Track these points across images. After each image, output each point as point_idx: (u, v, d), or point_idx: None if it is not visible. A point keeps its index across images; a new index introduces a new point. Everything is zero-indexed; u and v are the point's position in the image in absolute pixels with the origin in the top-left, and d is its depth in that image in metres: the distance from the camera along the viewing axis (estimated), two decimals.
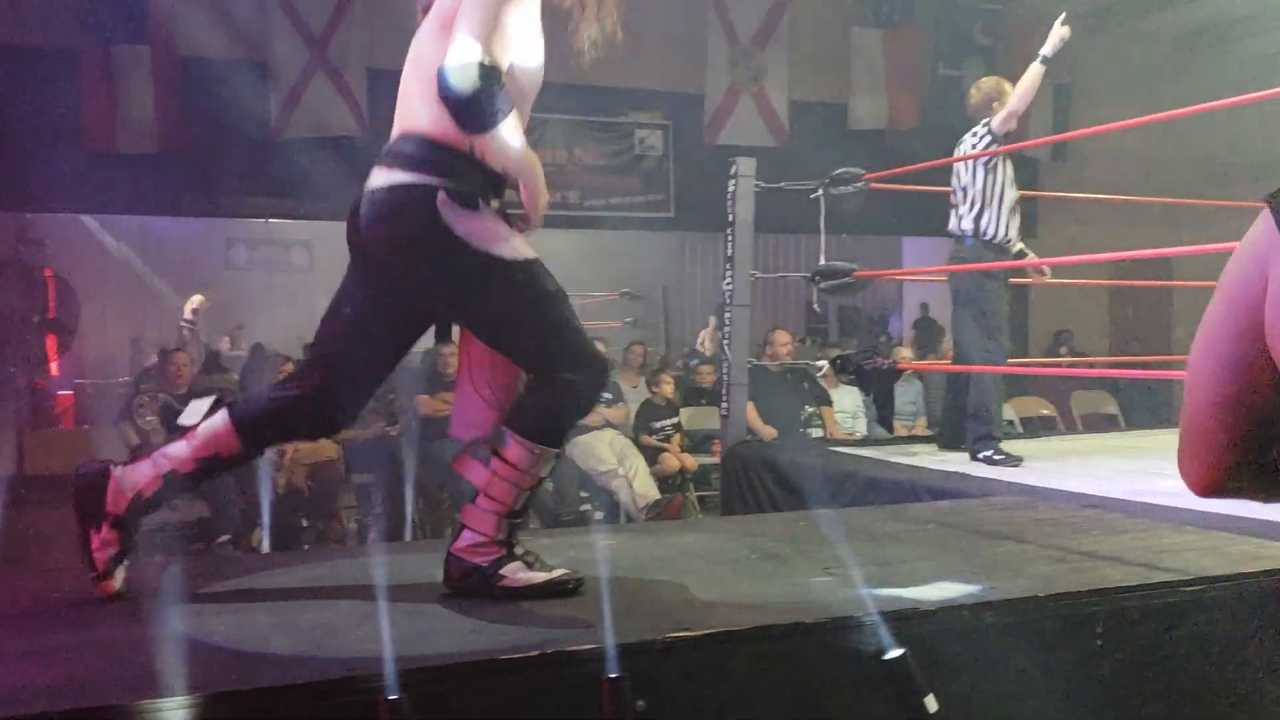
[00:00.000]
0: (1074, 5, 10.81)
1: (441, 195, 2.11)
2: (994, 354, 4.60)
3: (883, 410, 7.65)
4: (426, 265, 2.18)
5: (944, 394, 5.34)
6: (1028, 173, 9.88)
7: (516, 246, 2.17)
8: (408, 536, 5.48)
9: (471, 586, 2.16)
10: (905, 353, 8.34)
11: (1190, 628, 2.22)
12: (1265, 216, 1.08)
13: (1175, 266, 11.37)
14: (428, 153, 2.15)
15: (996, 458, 4.42)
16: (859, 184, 5.16)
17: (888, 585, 2.16)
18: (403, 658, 1.63)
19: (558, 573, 2.20)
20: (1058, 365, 8.46)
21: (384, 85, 7.41)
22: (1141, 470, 4.30)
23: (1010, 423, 7.81)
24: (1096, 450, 5.08)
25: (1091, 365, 9.53)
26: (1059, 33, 4.58)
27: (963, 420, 4.68)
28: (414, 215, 2.12)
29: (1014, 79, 4.78)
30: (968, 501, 3.39)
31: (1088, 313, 11.24)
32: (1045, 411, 8.74)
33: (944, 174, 5.56)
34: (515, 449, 2.16)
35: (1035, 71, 4.58)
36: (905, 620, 1.93)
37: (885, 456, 4.75)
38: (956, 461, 4.49)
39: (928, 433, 6.97)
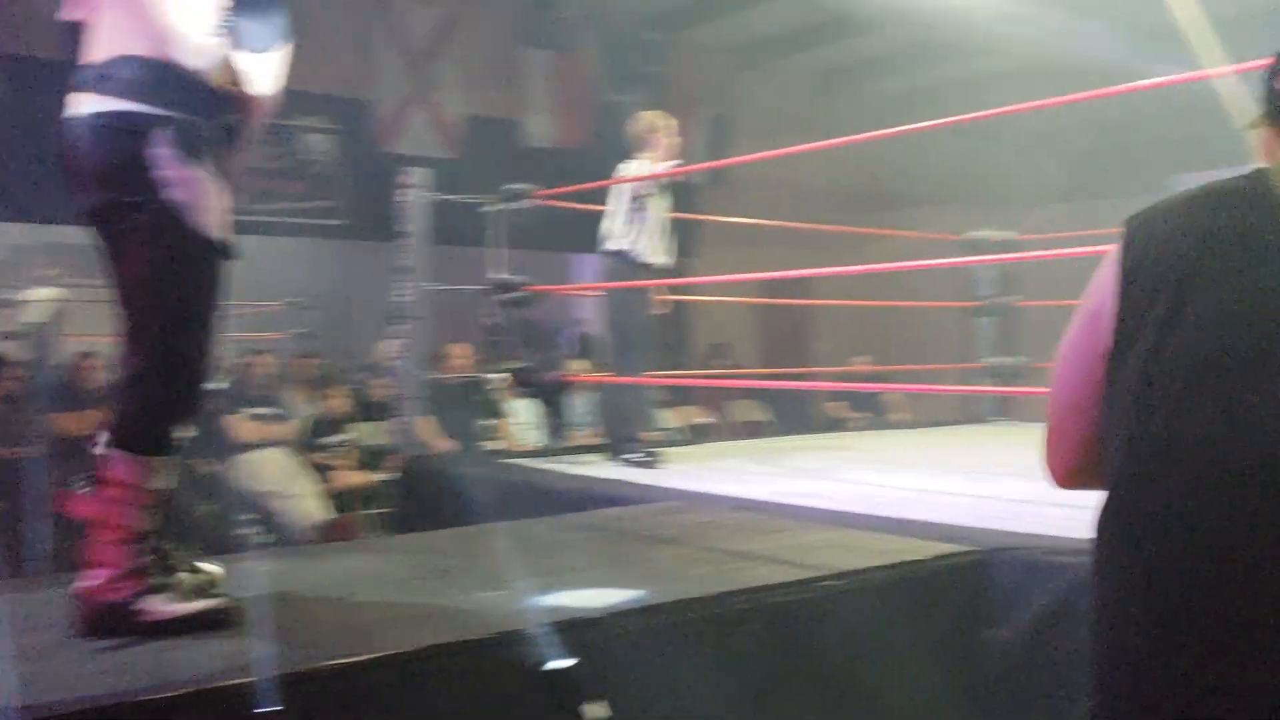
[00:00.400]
0: (728, 41, 11.54)
1: (159, 132, 1.94)
2: (638, 364, 4.90)
3: (559, 421, 7.79)
4: (119, 207, 1.97)
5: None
6: (688, 197, 10.40)
7: (213, 220, 1.99)
8: (42, 570, 4.97)
9: (110, 626, 1.93)
10: (578, 365, 8.53)
11: (832, 620, 2.41)
12: (1119, 239, 1.22)
13: (815, 286, 12.33)
14: (151, 77, 1.95)
15: (641, 460, 4.71)
16: (530, 200, 5.24)
17: (556, 595, 2.20)
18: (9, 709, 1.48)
19: (209, 602, 2.03)
20: (715, 376, 8.92)
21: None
22: (789, 473, 4.63)
23: (675, 430, 8.17)
24: (751, 455, 5.40)
25: (746, 376, 10.13)
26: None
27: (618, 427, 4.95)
28: (122, 149, 1.94)
29: (676, 107, 5.06)
30: (633, 508, 3.51)
31: (742, 327, 11.97)
32: (704, 419, 9.21)
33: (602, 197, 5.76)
34: (120, 466, 1.97)
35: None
36: (571, 630, 1.98)
37: (560, 467, 4.84)
38: (622, 470, 4.65)
39: (600, 442, 7.17)
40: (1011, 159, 13.76)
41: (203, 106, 1.99)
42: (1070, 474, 1.36)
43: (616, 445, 4.91)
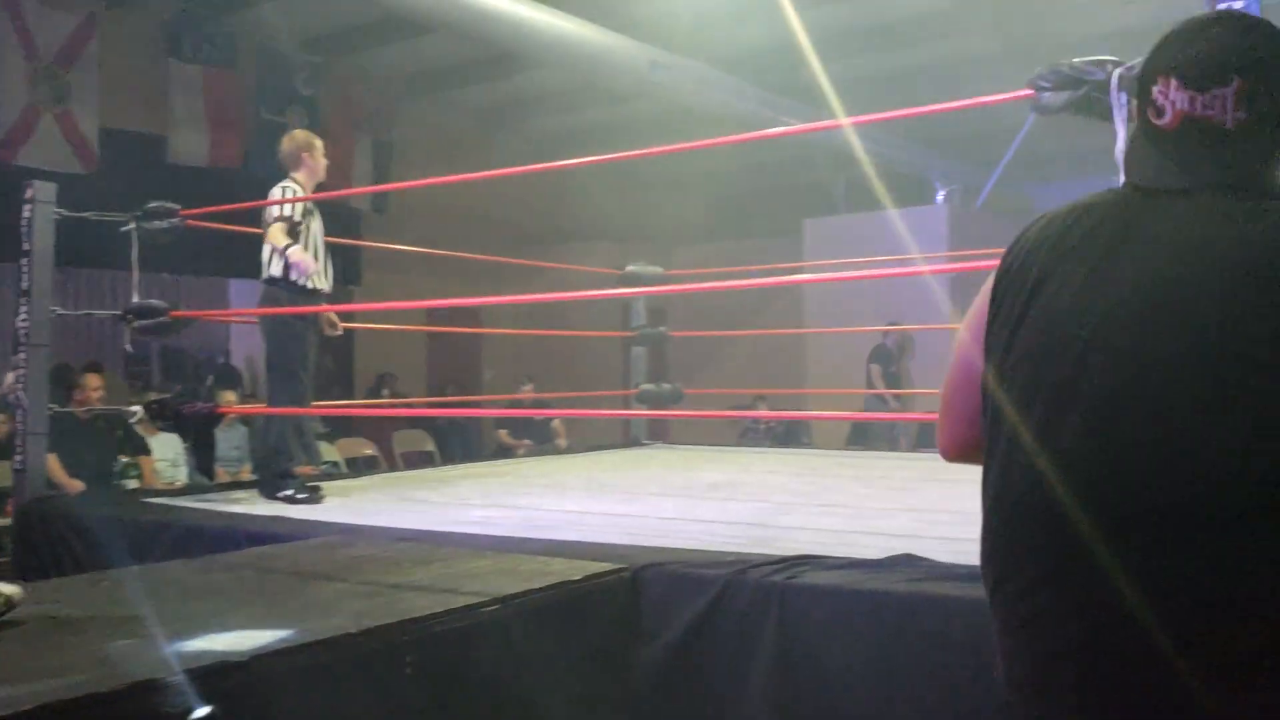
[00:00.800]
0: (392, 69, 11.42)
1: None
2: (296, 394, 4.71)
3: (204, 457, 7.35)
4: None
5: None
6: (350, 223, 10.18)
7: None
8: None
9: None
10: (230, 396, 8.11)
11: (489, 646, 2.43)
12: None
13: (484, 316, 12.41)
14: None
15: (299, 496, 4.51)
16: (174, 220, 4.94)
17: (197, 640, 2.09)
18: None
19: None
20: (379, 406, 8.76)
21: None
22: (452, 502, 4.62)
23: (335, 464, 7.93)
24: (414, 485, 5.35)
25: (411, 405, 10.00)
26: (304, 259, 4.61)
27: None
28: None
29: (333, 130, 4.94)
30: (286, 545, 3.38)
31: (408, 357, 11.83)
32: (368, 451, 9.01)
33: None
34: None
35: (283, 247, 4.61)
36: (214, 675, 1.88)
37: (205, 505, 4.56)
38: (279, 505, 4.46)
39: (253, 478, 6.84)
40: (663, 200, 14.51)
41: None
42: (956, 448, 1.50)
43: (271, 481, 4.67)
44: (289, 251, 4.59)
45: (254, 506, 4.43)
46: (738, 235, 14.96)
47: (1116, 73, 2.43)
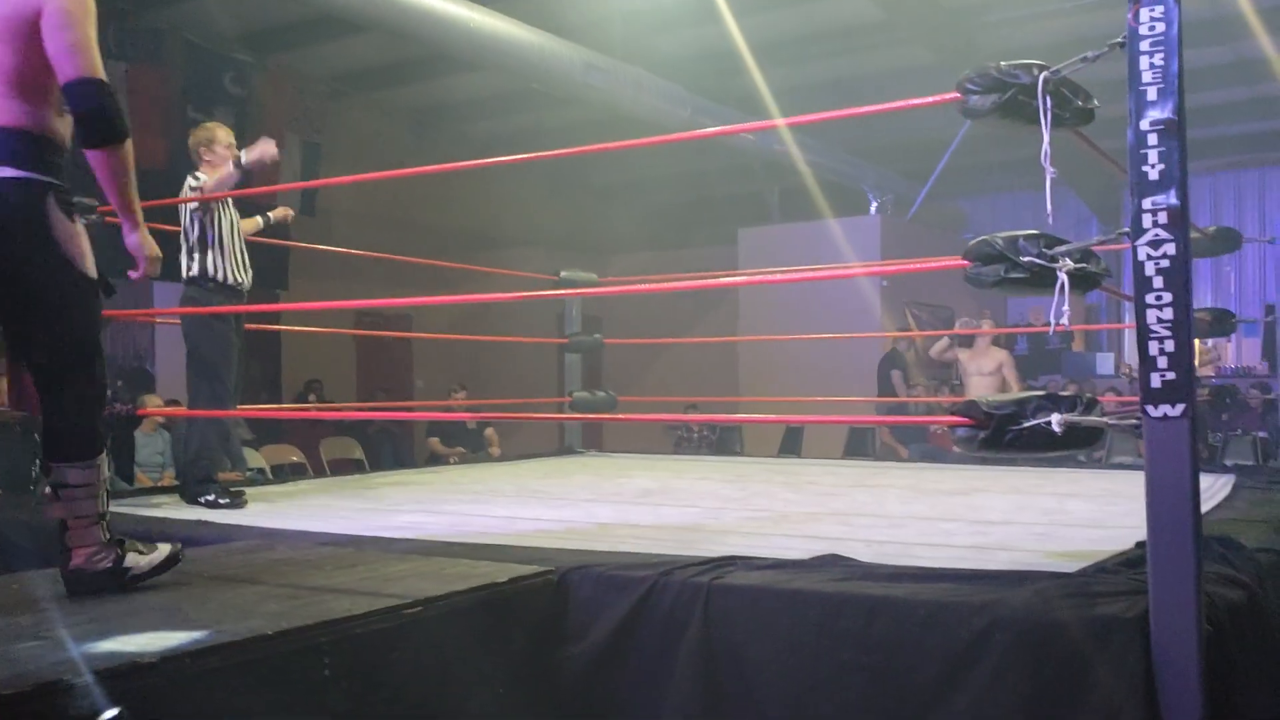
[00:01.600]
0: (320, 69, 11.29)
1: (51, 196, 2.40)
2: (220, 398, 4.60)
3: (124, 461, 7.18)
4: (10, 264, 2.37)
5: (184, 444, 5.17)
6: (279, 226, 10.02)
7: (90, 263, 2.49)
8: None
9: (105, 588, 2.52)
10: (154, 400, 7.93)
11: (412, 647, 2.39)
12: None
13: (416, 322, 12.30)
14: (37, 149, 2.42)
15: (221, 501, 4.42)
16: (93, 217, 4.81)
17: (107, 642, 2.03)
18: None
19: (165, 548, 2.67)
20: (307, 410, 8.63)
21: None
22: (379, 508, 4.56)
23: (260, 470, 7.80)
24: (343, 491, 5.27)
25: (340, 409, 9.87)
26: (261, 147, 4.53)
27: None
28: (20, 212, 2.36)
29: (262, 130, 4.85)
30: (207, 549, 3.30)
31: (337, 363, 11.68)
32: (295, 458, 8.87)
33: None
34: (74, 474, 2.50)
35: (226, 170, 4.52)
36: (123, 677, 1.83)
37: (124, 509, 4.44)
38: (201, 510, 4.37)
39: (175, 483, 6.71)
40: (598, 208, 14.52)
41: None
42: None
43: (193, 486, 4.55)
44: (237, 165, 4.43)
45: (174, 511, 4.34)
46: (673, 245, 15.02)
47: (1042, 77, 2.47)
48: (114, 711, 1.75)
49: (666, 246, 14.82)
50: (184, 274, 4.66)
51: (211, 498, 4.45)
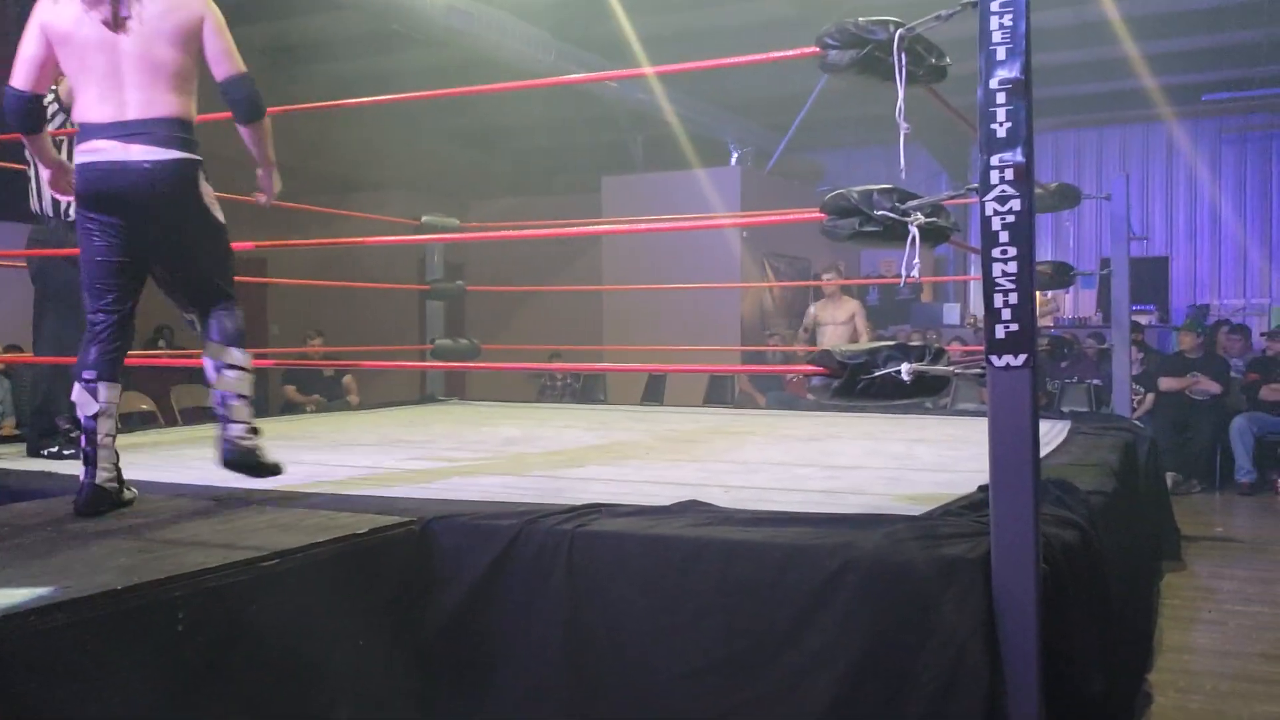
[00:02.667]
0: None
1: (200, 170, 3.10)
2: (68, 345, 4.24)
3: None
4: (181, 219, 3.11)
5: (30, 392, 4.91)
6: None
7: (220, 212, 3.23)
8: None
9: (247, 466, 3.19)
10: None
11: (269, 601, 2.36)
12: None
13: (271, 266, 11.95)
14: (190, 135, 3.08)
15: (66, 452, 4.21)
16: None
17: None
18: None
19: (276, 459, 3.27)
20: (156, 358, 8.31)
21: None
22: None
23: None
24: (193, 442, 5.11)
25: (191, 358, 9.54)
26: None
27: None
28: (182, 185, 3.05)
29: None
30: (49, 501, 3.18)
31: None
32: (145, 406, 8.55)
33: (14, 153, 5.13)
34: (238, 354, 3.20)
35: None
36: None
37: None
38: (43, 460, 4.19)
39: (17, 433, 6.40)
40: (461, 153, 14.28)
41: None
42: None
43: (37, 439, 4.33)
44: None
45: (15, 462, 4.14)
46: (536, 191, 14.90)
47: (898, 34, 2.54)
48: None
49: (529, 193, 14.69)
50: (36, 209, 4.39)
51: (56, 449, 4.27)
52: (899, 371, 2.47)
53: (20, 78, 3.00)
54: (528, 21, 9.35)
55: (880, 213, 2.51)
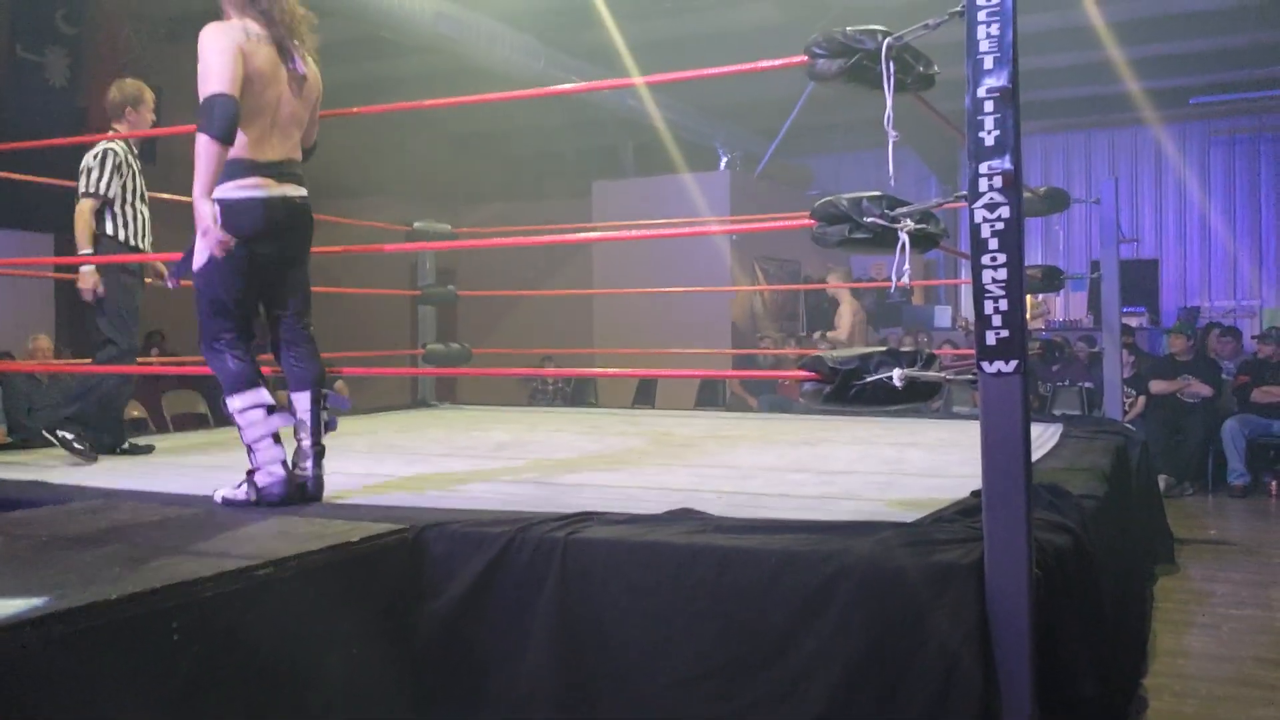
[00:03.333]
0: (157, 10, 10.73)
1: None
2: (123, 353, 4.72)
3: None
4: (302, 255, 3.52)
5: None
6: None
7: None
8: None
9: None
10: None
11: (264, 609, 2.36)
12: None
13: None
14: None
15: (77, 444, 4.40)
16: None
17: None
18: None
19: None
20: (148, 365, 8.28)
21: None
22: (226, 465, 4.42)
23: None
24: (185, 449, 5.10)
25: (182, 364, 9.51)
26: None
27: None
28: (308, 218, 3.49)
29: (98, 73, 4.67)
30: (41, 510, 3.17)
31: (179, 314, 11.22)
32: (136, 413, 8.52)
33: (27, 162, 5.14)
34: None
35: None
36: None
37: None
38: (35, 469, 4.17)
39: (7, 440, 6.39)
40: (452, 159, 14.27)
41: None
42: None
43: (59, 419, 4.51)
44: (81, 271, 4.63)
45: (6, 471, 4.13)
46: (527, 196, 14.88)
47: (886, 43, 2.55)
48: None
49: (520, 198, 14.68)
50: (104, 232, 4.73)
51: (70, 436, 4.41)
52: (890, 377, 2.48)
53: (229, 85, 3.09)
54: (517, 29, 9.36)
55: (870, 220, 2.52)
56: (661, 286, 9.78)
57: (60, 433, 4.41)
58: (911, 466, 4.18)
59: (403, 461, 4.54)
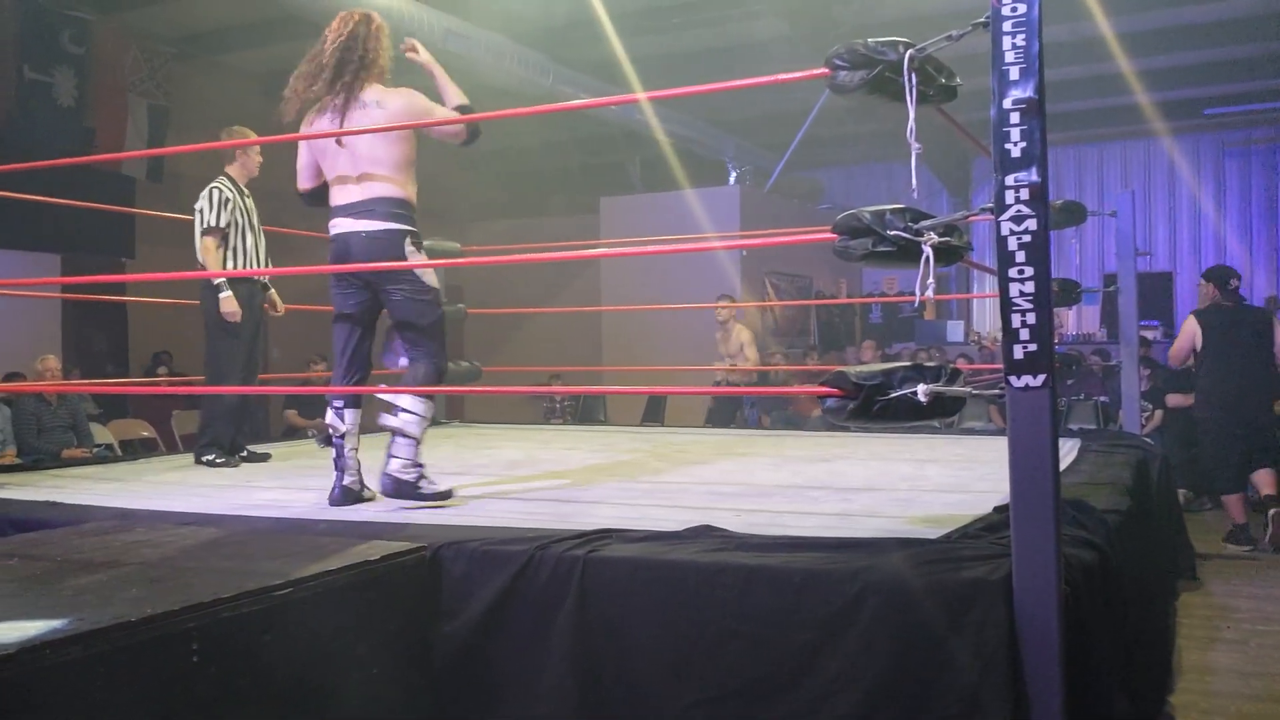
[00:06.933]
0: (165, 29, 10.78)
1: (409, 239, 3.67)
2: (231, 376, 5.11)
3: None
4: (392, 283, 3.69)
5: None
6: (123, 191, 9.54)
7: (433, 277, 3.78)
8: None
9: (402, 495, 3.55)
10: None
11: (283, 629, 2.33)
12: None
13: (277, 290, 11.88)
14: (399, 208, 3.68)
15: (219, 461, 5.03)
16: None
17: None
18: None
19: (446, 486, 3.64)
20: (156, 385, 8.29)
21: None
22: (238, 484, 4.42)
23: (108, 447, 7.48)
24: (197, 468, 5.08)
25: (191, 385, 9.50)
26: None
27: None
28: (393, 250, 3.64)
29: (104, 92, 4.69)
30: (57, 531, 3.15)
31: (187, 334, 11.21)
32: (146, 433, 8.52)
33: (35, 183, 5.13)
34: (415, 403, 3.61)
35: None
36: None
37: None
38: (47, 490, 4.16)
39: (17, 461, 6.38)
40: (459, 176, 14.28)
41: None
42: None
43: (199, 448, 5.12)
44: (221, 298, 5.10)
45: (17, 492, 4.11)
46: (534, 213, 14.89)
47: (908, 54, 2.52)
48: None
49: (527, 214, 14.69)
50: (200, 260, 5.18)
51: (212, 457, 5.02)
52: (915, 392, 2.45)
53: None
54: (525, 45, 9.37)
55: (893, 233, 2.49)
56: (670, 303, 9.76)
57: (204, 459, 5.03)
58: (930, 483, 4.15)
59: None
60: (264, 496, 4.01)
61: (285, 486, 4.36)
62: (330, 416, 3.74)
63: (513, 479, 4.50)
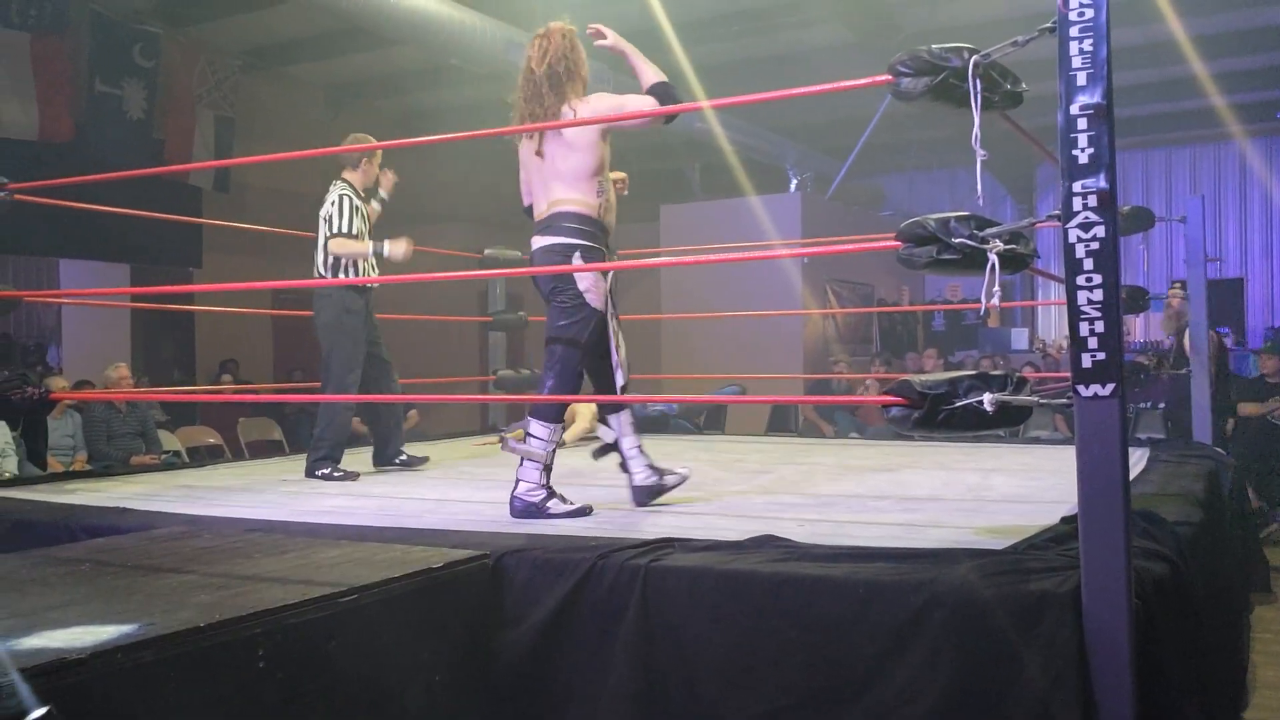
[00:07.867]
0: (232, 42, 10.99)
1: (578, 252, 3.76)
2: (351, 386, 5.05)
3: (35, 445, 6.95)
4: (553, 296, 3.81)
5: None
6: (190, 201, 9.74)
7: (595, 296, 3.86)
8: None
9: (530, 516, 3.56)
10: (61, 383, 7.68)
11: (347, 636, 2.35)
12: None
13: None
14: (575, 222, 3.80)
15: (335, 474, 4.85)
16: (2, 194, 4.63)
17: (32, 637, 1.96)
18: None
19: (580, 504, 3.64)
20: (222, 392, 8.44)
21: None
22: (303, 491, 4.48)
23: (175, 453, 7.62)
24: (264, 474, 5.16)
25: (257, 392, 9.67)
26: (388, 178, 5.49)
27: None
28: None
29: (173, 104, 4.74)
30: (127, 537, 3.21)
31: (253, 342, 11.42)
32: (212, 440, 8.68)
33: (106, 194, 5.24)
34: (537, 426, 3.67)
35: (361, 248, 5.11)
36: (51, 674, 1.76)
37: (36, 496, 4.31)
38: (118, 495, 4.25)
39: (88, 468, 6.52)
40: (518, 184, 14.35)
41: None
42: None
43: (312, 462, 4.95)
44: (388, 251, 5.07)
45: (87, 498, 4.21)
46: None
47: (973, 60, 2.49)
48: (42, 710, 1.69)
49: None
50: (318, 270, 5.21)
51: (327, 471, 4.87)
52: (981, 401, 2.41)
53: None
54: (586, 55, 9.40)
55: (958, 240, 2.46)
56: (730, 310, 9.72)
57: (319, 473, 4.87)
58: (996, 493, 4.08)
59: (478, 487, 4.55)
60: (329, 503, 4.06)
61: (349, 493, 4.41)
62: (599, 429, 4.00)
63: (573, 486, 4.51)
